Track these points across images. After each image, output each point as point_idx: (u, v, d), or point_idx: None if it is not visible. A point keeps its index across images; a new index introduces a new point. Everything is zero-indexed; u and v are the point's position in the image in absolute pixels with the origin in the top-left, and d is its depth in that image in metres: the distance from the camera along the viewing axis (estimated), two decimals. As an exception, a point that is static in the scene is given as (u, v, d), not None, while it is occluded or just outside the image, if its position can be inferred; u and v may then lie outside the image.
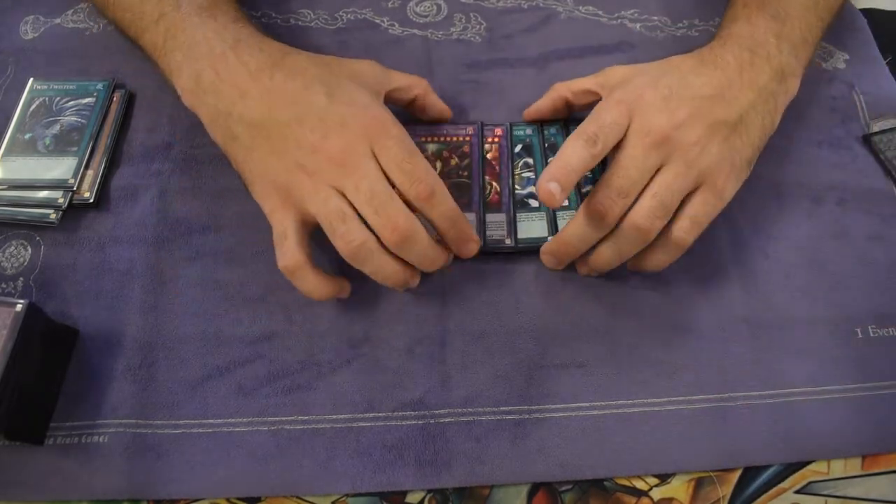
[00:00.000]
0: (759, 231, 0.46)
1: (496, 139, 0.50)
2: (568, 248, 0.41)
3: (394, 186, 0.39)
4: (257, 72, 0.40)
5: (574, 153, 0.38)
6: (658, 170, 0.39)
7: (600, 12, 0.58)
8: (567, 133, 0.50)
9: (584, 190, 0.47)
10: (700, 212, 0.39)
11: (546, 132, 0.50)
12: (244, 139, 0.40)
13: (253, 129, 0.40)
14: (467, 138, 0.49)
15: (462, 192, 0.47)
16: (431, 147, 0.49)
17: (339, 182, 0.38)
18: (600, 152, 0.38)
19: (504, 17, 0.58)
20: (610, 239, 0.40)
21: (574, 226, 0.40)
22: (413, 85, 0.47)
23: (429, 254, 0.39)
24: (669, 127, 0.39)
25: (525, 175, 0.48)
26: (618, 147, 0.39)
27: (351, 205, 0.38)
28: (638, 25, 0.57)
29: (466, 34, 0.57)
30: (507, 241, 0.45)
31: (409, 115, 0.50)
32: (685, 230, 0.39)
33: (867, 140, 0.50)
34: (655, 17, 0.58)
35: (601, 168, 0.42)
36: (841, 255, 0.46)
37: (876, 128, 0.51)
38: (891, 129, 0.50)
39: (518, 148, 0.49)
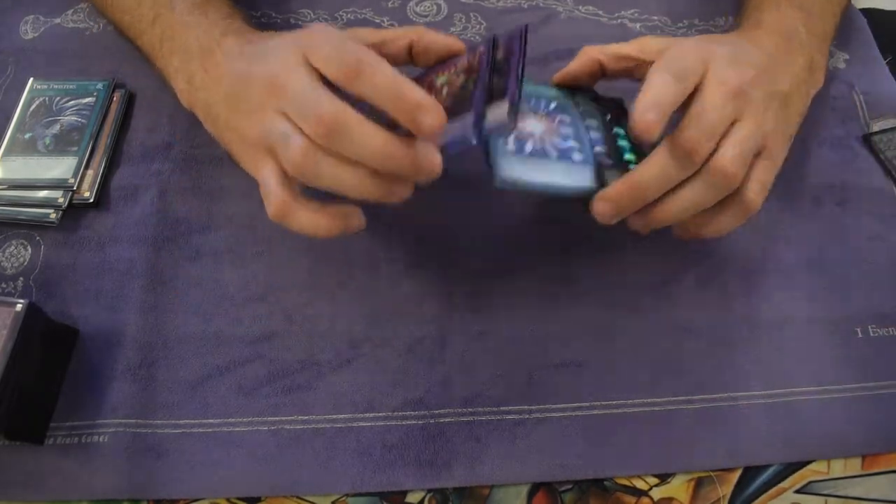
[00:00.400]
0: (759, 231, 0.46)
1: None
2: (641, 191, 0.37)
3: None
4: (238, 57, 0.40)
5: (666, 88, 0.36)
6: (732, 124, 0.38)
7: (600, 12, 0.58)
8: (598, 104, 0.45)
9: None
10: (766, 178, 0.38)
11: (579, 99, 0.45)
12: (223, 118, 0.40)
13: (227, 105, 0.39)
14: (477, 56, 0.40)
15: (465, 95, 0.37)
16: (440, 80, 0.41)
17: (281, 104, 0.35)
18: (686, 90, 0.37)
19: (504, 17, 0.58)
20: (691, 183, 0.38)
21: (654, 166, 0.37)
22: (403, 33, 0.42)
23: (372, 141, 0.33)
24: (743, 81, 0.38)
25: (563, 132, 0.41)
26: (695, 94, 0.38)
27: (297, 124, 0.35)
28: (638, 25, 0.57)
29: (466, 34, 0.57)
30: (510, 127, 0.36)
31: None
32: (756, 192, 0.38)
33: (867, 140, 0.50)
34: (655, 17, 0.58)
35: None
36: (841, 255, 0.46)
37: (876, 128, 0.51)
38: (891, 129, 0.50)
39: (553, 106, 0.43)
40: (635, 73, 0.42)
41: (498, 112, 0.35)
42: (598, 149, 0.40)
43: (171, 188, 0.48)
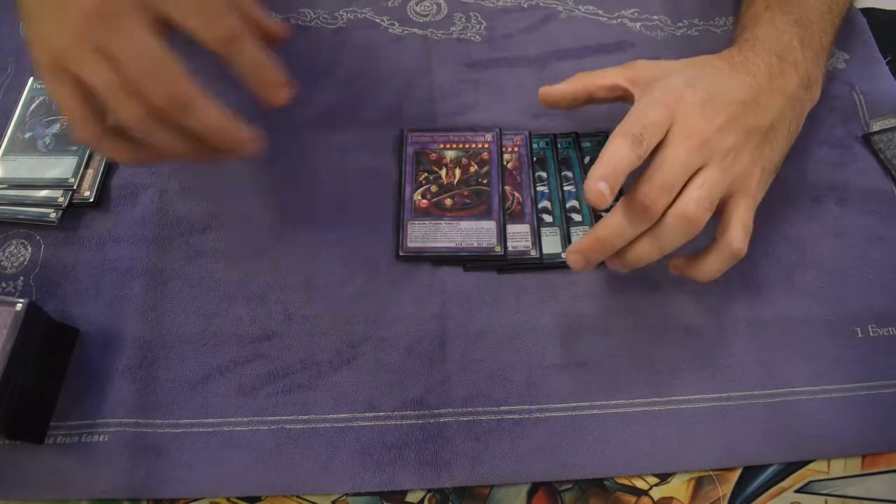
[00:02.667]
0: (759, 231, 0.46)
1: (516, 148, 0.50)
2: (604, 244, 0.39)
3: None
4: None
5: (621, 153, 0.37)
6: (697, 171, 0.38)
7: (600, 12, 0.58)
8: (579, 147, 0.49)
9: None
10: (746, 218, 0.39)
11: (559, 144, 0.50)
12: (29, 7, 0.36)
13: None
14: (486, 145, 0.49)
15: (482, 199, 0.47)
16: (450, 154, 0.49)
17: (106, 44, 0.33)
18: (644, 152, 0.38)
19: (504, 16, 0.58)
20: (651, 233, 0.39)
21: (612, 221, 0.38)
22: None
23: (210, 120, 0.34)
24: (710, 131, 0.38)
25: (539, 189, 0.48)
26: (658, 147, 0.39)
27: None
28: (638, 25, 0.57)
29: (466, 34, 0.56)
30: (533, 253, 0.45)
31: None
32: (740, 239, 0.38)
33: (867, 140, 0.50)
34: (655, 17, 0.58)
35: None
36: (841, 255, 0.46)
37: (876, 127, 0.51)
38: (891, 129, 0.50)
39: (531, 160, 0.49)
40: (627, 99, 0.43)
41: (519, 234, 0.46)
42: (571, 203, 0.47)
43: (171, 188, 0.48)
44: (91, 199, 0.47)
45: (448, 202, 0.47)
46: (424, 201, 0.47)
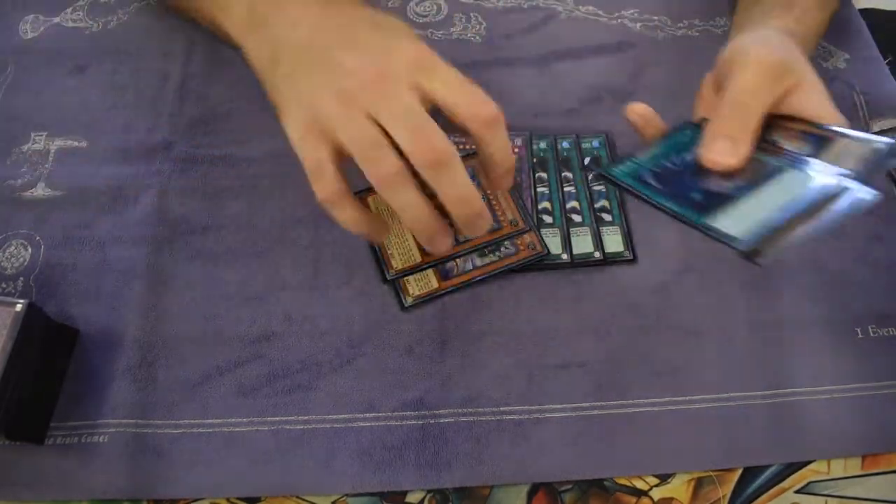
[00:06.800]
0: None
1: (516, 150, 0.49)
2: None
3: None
4: (311, 3, 0.39)
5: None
6: None
7: (600, 12, 0.58)
8: (579, 148, 0.49)
9: (596, 205, 0.47)
10: None
11: (560, 146, 0.50)
12: (285, 64, 0.38)
13: (296, 54, 0.38)
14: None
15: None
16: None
17: (375, 107, 0.35)
18: None
19: (504, 16, 0.58)
20: None
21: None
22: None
23: (464, 192, 0.35)
24: None
25: (539, 190, 0.48)
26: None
27: (387, 134, 0.35)
28: (638, 25, 0.57)
29: (466, 34, 0.57)
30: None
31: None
32: None
33: (867, 140, 0.50)
34: (655, 17, 0.58)
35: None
36: (841, 255, 0.46)
37: (876, 128, 0.51)
38: (891, 129, 0.50)
39: (532, 162, 0.49)
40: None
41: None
42: None
43: (171, 188, 0.48)
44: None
45: None
46: None
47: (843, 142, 0.35)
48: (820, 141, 0.36)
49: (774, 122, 0.37)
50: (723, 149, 0.35)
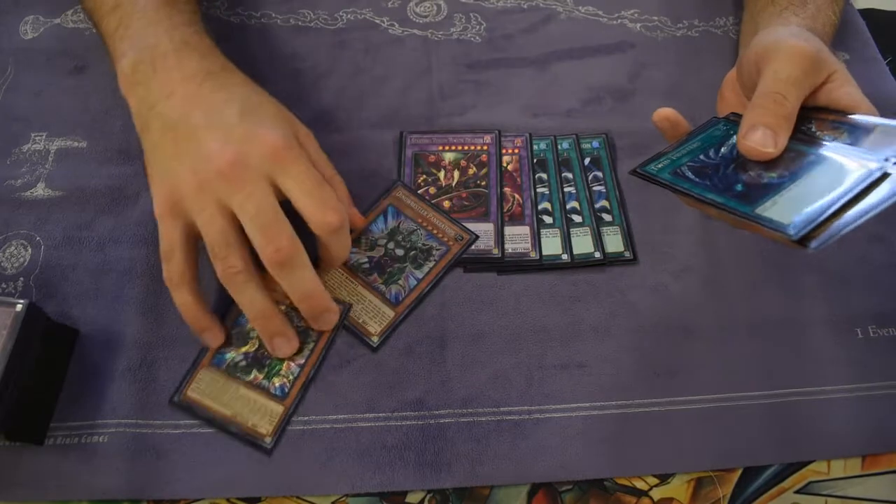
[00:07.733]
0: (759, 231, 0.46)
1: (516, 150, 0.49)
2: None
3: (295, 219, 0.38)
4: (190, 76, 0.40)
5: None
6: None
7: (600, 12, 0.58)
8: (579, 149, 0.49)
9: (596, 206, 0.47)
10: None
11: (560, 146, 0.50)
12: (155, 134, 0.40)
13: (166, 127, 0.40)
14: (485, 147, 0.49)
15: (480, 201, 0.47)
16: (448, 156, 0.49)
17: (228, 198, 0.37)
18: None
19: (504, 17, 0.58)
20: None
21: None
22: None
23: (309, 288, 0.38)
24: None
25: (539, 190, 0.48)
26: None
27: (237, 228, 0.37)
28: (638, 25, 0.57)
29: (466, 34, 0.57)
30: (532, 254, 0.45)
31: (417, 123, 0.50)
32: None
33: (867, 140, 0.50)
34: (655, 18, 0.58)
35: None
36: (841, 255, 0.46)
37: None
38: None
39: (532, 162, 0.49)
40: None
41: (518, 236, 0.46)
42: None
43: (171, 188, 0.48)
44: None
45: (446, 204, 0.47)
46: None
47: (880, 129, 0.35)
48: (855, 129, 0.36)
49: (806, 114, 0.37)
50: (762, 138, 0.35)
